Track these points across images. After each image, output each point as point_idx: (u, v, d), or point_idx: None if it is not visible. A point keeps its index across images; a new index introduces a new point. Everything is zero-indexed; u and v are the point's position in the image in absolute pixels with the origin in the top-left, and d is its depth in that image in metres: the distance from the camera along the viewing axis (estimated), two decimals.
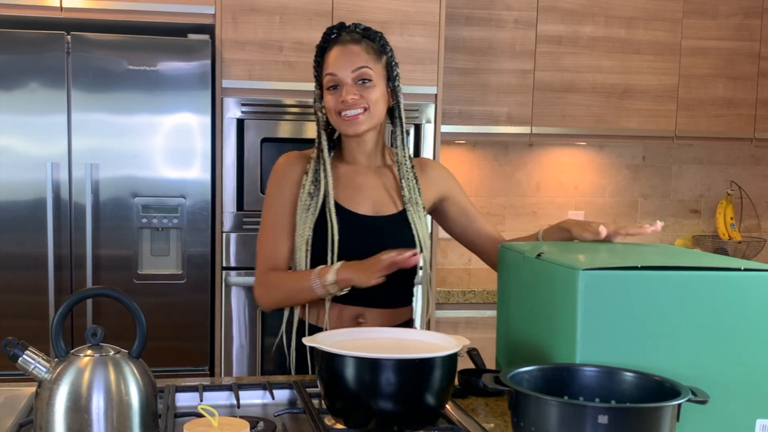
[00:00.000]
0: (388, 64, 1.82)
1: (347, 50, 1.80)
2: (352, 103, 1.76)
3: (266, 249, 1.80)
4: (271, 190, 1.86)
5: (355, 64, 1.78)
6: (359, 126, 1.78)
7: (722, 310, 1.25)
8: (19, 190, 2.81)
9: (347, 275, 1.61)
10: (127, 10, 2.94)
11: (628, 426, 1.00)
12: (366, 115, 1.78)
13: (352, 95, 1.76)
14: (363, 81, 1.78)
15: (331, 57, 1.81)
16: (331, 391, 1.26)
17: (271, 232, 1.81)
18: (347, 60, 1.78)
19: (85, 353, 1.21)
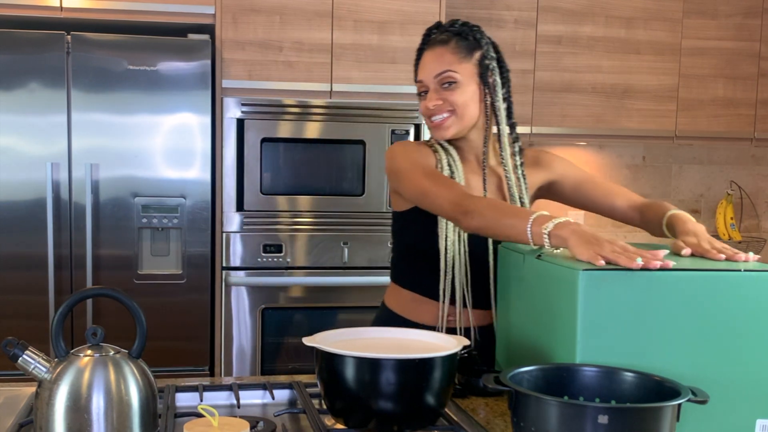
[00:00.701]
0: (482, 60, 1.77)
1: (433, 54, 1.78)
2: (435, 109, 1.75)
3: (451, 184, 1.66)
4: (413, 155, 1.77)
5: (436, 70, 1.76)
6: (446, 131, 1.76)
7: (722, 311, 1.25)
8: (19, 190, 2.81)
9: (565, 234, 1.39)
10: (127, 10, 2.94)
11: (628, 426, 1.00)
12: (453, 119, 1.75)
13: (435, 101, 1.75)
14: (448, 84, 1.75)
15: (421, 62, 1.80)
16: (331, 391, 1.26)
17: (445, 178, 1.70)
18: (431, 65, 1.77)
19: (85, 353, 1.21)
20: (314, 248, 3.12)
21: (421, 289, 1.81)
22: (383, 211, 3.17)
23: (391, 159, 1.80)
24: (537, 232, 1.43)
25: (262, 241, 3.06)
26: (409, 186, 1.72)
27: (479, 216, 1.55)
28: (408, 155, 1.77)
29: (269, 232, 3.06)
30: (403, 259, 1.86)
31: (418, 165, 1.73)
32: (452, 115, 1.75)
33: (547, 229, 1.42)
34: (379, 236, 3.16)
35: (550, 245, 1.42)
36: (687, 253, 1.41)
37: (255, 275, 3.06)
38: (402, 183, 1.74)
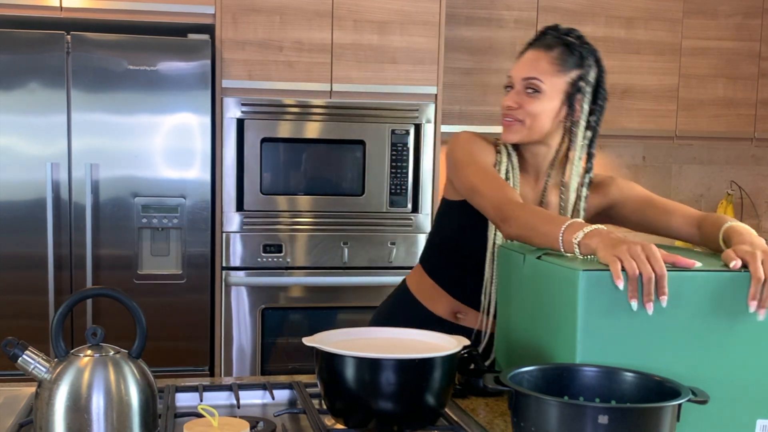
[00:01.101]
0: (576, 80, 1.71)
1: (532, 55, 1.72)
2: (508, 110, 1.70)
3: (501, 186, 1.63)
4: (474, 153, 1.72)
5: (526, 73, 1.70)
6: (511, 135, 1.71)
7: (722, 310, 1.25)
8: (19, 190, 2.81)
9: (594, 243, 1.37)
10: (127, 10, 2.94)
11: (629, 426, 1.00)
12: (520, 126, 1.70)
13: (511, 102, 1.70)
14: (531, 90, 1.69)
15: (520, 58, 1.74)
16: (331, 391, 1.26)
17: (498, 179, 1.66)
18: (525, 66, 1.71)
19: (85, 353, 1.21)
20: (314, 248, 3.11)
21: (444, 282, 1.81)
22: (383, 211, 3.17)
23: (452, 147, 1.76)
24: (568, 240, 1.41)
25: (262, 241, 3.06)
26: (462, 178, 1.69)
27: (516, 223, 1.52)
28: (469, 147, 1.73)
29: (269, 232, 3.06)
30: (437, 247, 1.85)
31: (475, 159, 1.70)
32: (522, 123, 1.70)
33: (578, 239, 1.39)
34: (379, 236, 3.16)
35: (580, 254, 1.39)
36: (736, 267, 1.29)
37: (255, 275, 3.06)
38: (456, 173, 1.72)
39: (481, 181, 1.65)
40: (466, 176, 1.68)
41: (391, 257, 3.17)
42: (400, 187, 3.17)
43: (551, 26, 1.77)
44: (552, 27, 1.76)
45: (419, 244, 3.21)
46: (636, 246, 1.26)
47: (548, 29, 1.76)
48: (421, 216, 3.19)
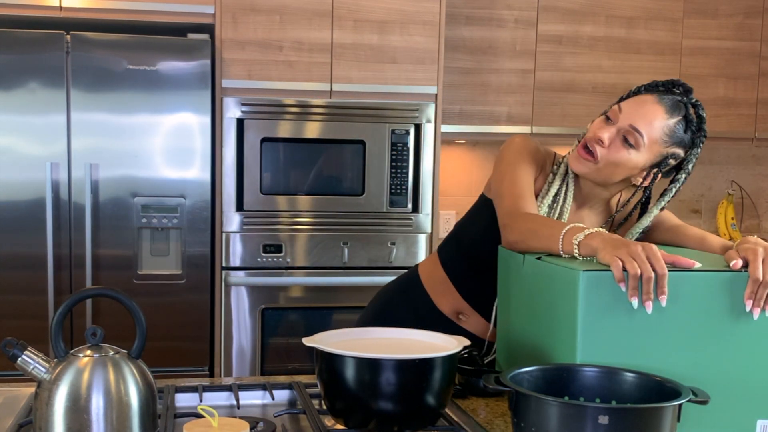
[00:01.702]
0: (671, 156, 1.60)
1: (653, 108, 1.58)
2: (595, 143, 1.59)
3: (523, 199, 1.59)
4: (523, 156, 1.67)
5: (639, 121, 1.57)
6: (580, 166, 1.63)
7: (722, 310, 1.25)
8: (19, 190, 2.80)
9: (595, 243, 1.35)
10: (127, 9, 2.94)
11: (629, 426, 1.00)
12: (591, 165, 1.62)
13: (606, 138, 1.58)
14: (626, 140, 1.57)
15: (635, 98, 1.61)
16: (331, 391, 1.25)
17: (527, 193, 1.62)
18: (639, 114, 1.58)
19: (84, 353, 1.20)
20: (314, 248, 3.11)
21: (455, 277, 1.80)
22: (383, 211, 3.16)
23: (504, 147, 1.73)
24: (567, 242, 1.40)
25: (262, 241, 3.06)
26: (496, 179, 1.67)
27: (517, 229, 1.51)
28: (519, 153, 1.68)
29: (269, 232, 3.06)
30: (459, 240, 1.82)
31: (516, 166, 1.66)
32: (594, 162, 1.61)
33: (578, 240, 1.38)
34: (379, 236, 3.16)
35: (580, 255, 1.38)
36: (736, 266, 1.28)
37: (255, 275, 3.06)
38: (494, 173, 1.70)
39: (506, 187, 1.62)
40: (500, 181, 1.66)
41: (391, 257, 3.17)
42: (400, 187, 3.17)
43: (682, 84, 1.62)
44: (683, 87, 1.62)
45: (419, 244, 3.21)
46: (637, 246, 1.26)
47: (679, 86, 1.62)
48: (421, 216, 3.19)
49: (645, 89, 1.62)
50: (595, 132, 1.60)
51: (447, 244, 1.86)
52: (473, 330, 1.79)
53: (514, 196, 1.60)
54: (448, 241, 1.86)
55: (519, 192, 1.62)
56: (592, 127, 1.62)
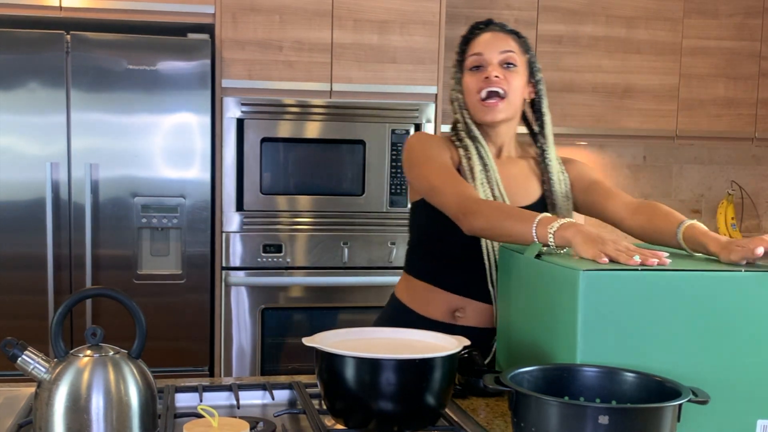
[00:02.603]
0: (531, 62, 1.81)
1: (497, 35, 1.80)
2: (495, 81, 1.73)
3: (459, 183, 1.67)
4: (430, 152, 1.75)
5: (502, 47, 1.76)
6: (497, 114, 1.75)
7: (722, 310, 1.25)
8: (19, 190, 2.80)
9: (569, 234, 1.41)
10: (127, 9, 2.94)
11: (629, 426, 1.00)
12: (504, 104, 1.74)
13: (497, 73, 1.73)
14: (508, 65, 1.75)
15: (478, 40, 1.79)
16: (331, 391, 1.25)
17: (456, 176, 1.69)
18: (496, 42, 1.77)
19: (84, 353, 1.20)
20: (314, 248, 3.11)
21: (436, 279, 1.80)
22: (383, 211, 3.16)
23: (408, 149, 1.79)
24: (542, 233, 1.45)
25: (262, 241, 3.06)
26: (420, 178, 1.72)
27: (483, 217, 1.55)
28: (425, 148, 1.76)
29: (269, 232, 3.06)
30: (420, 249, 1.85)
31: (432, 159, 1.72)
32: (504, 100, 1.74)
33: (552, 230, 1.43)
34: (379, 236, 3.16)
35: (555, 246, 1.43)
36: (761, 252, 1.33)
37: (255, 275, 3.06)
38: (414, 174, 1.75)
39: (439, 179, 1.68)
40: (425, 176, 1.71)
41: (391, 257, 3.17)
42: (400, 186, 3.17)
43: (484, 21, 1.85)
44: (485, 21, 1.85)
45: None
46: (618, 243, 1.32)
47: (489, 21, 1.85)
48: None
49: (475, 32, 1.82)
50: (481, 81, 1.74)
51: (411, 259, 1.87)
52: (475, 322, 1.78)
53: (454, 184, 1.66)
54: (411, 256, 1.87)
55: (455, 180, 1.67)
56: (471, 84, 1.76)
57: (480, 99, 1.74)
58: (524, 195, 1.81)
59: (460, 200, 1.62)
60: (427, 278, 1.82)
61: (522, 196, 1.80)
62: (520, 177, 1.83)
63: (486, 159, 1.76)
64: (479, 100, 1.75)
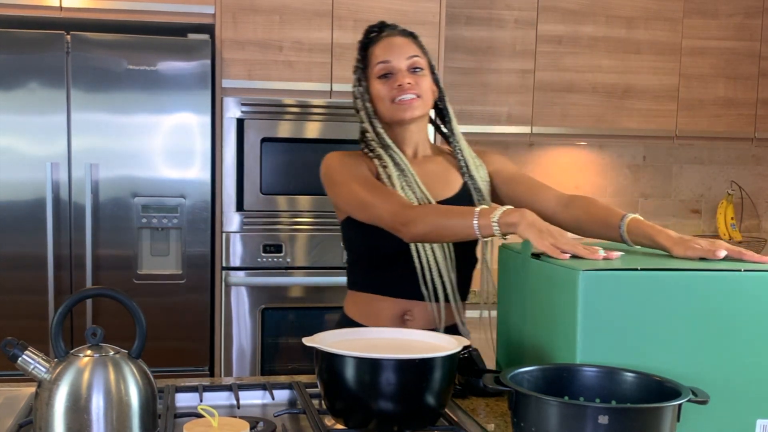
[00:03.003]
0: (430, 63, 1.84)
1: (397, 41, 1.81)
2: (408, 87, 1.75)
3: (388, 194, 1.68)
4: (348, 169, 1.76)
5: (408, 53, 1.79)
6: (414, 110, 1.77)
7: (722, 311, 1.25)
8: (19, 190, 2.81)
9: (514, 219, 1.45)
10: (127, 9, 2.94)
11: (629, 426, 1.00)
12: (419, 102, 1.77)
13: (409, 80, 1.76)
14: (415, 69, 1.78)
15: (380, 48, 1.81)
16: (331, 391, 1.26)
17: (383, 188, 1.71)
18: (400, 49, 1.79)
19: (84, 353, 1.21)
20: (314, 248, 3.11)
21: (381, 287, 1.80)
22: None
23: (326, 171, 1.80)
24: (485, 224, 1.48)
25: (262, 241, 3.06)
26: (346, 197, 1.73)
27: (421, 223, 1.57)
28: (343, 166, 1.77)
29: (269, 232, 3.06)
30: (359, 263, 1.85)
31: (354, 176, 1.74)
32: (419, 99, 1.77)
33: (495, 218, 1.47)
34: None
35: (500, 233, 1.47)
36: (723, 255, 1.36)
37: (255, 275, 3.06)
38: (338, 194, 1.76)
39: (367, 194, 1.69)
40: (351, 193, 1.72)
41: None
42: None
43: (377, 24, 1.87)
44: (378, 25, 1.86)
45: None
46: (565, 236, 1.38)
47: (375, 28, 1.86)
48: None
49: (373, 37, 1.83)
50: (394, 89, 1.76)
51: (352, 275, 1.87)
52: (424, 323, 1.78)
53: (385, 197, 1.67)
54: (352, 273, 1.87)
55: (384, 192, 1.69)
56: (383, 92, 1.77)
57: (392, 102, 1.77)
58: (446, 188, 1.83)
59: (393, 211, 1.63)
60: (371, 289, 1.82)
61: (444, 189, 1.82)
62: (440, 171, 1.85)
63: (402, 164, 1.77)
64: (392, 103, 1.77)
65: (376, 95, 1.79)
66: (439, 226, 1.56)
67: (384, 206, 1.65)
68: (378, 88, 1.79)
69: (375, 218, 1.68)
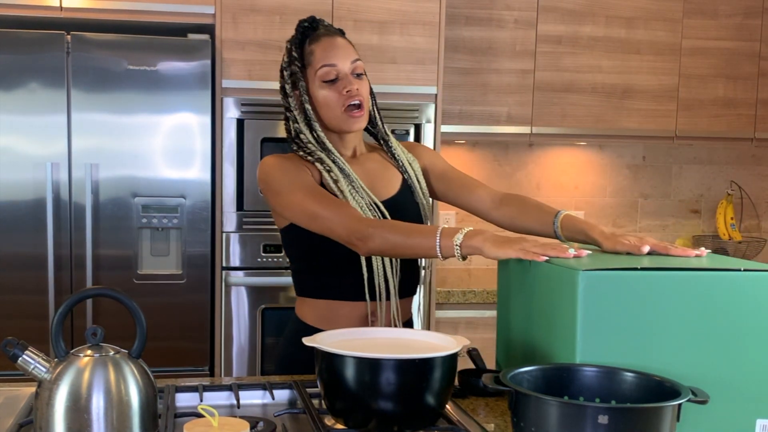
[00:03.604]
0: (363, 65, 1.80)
1: (339, 43, 1.74)
2: (356, 94, 1.70)
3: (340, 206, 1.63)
4: (291, 176, 1.69)
5: (351, 56, 1.73)
6: (363, 122, 1.74)
7: (722, 310, 1.25)
8: (19, 190, 2.81)
9: (477, 243, 1.43)
10: (127, 9, 2.94)
11: (629, 426, 1.00)
12: (365, 112, 1.74)
13: (357, 86, 1.71)
14: (359, 74, 1.74)
15: (322, 48, 1.72)
16: (331, 391, 1.26)
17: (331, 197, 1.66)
18: (344, 52, 1.73)
19: (84, 353, 1.21)
20: None
21: (337, 293, 1.75)
22: None
23: (265, 177, 1.72)
24: (447, 245, 1.47)
25: (262, 241, 3.06)
26: (294, 208, 1.67)
27: (379, 239, 1.54)
28: (285, 173, 1.70)
29: (269, 232, 3.06)
30: (308, 272, 1.78)
31: (298, 185, 1.67)
32: (364, 110, 1.73)
33: (458, 240, 1.46)
34: None
35: (461, 255, 1.46)
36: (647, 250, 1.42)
37: (255, 275, 3.06)
38: (283, 204, 1.69)
39: (317, 205, 1.63)
40: (298, 204, 1.65)
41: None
42: None
43: (309, 19, 1.77)
44: (310, 20, 1.77)
45: None
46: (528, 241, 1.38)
47: (317, 21, 1.77)
48: None
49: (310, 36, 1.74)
50: (342, 95, 1.70)
51: (302, 283, 1.80)
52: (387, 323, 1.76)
53: (336, 209, 1.62)
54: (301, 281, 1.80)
55: (333, 205, 1.63)
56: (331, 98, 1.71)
57: (342, 111, 1.71)
58: (388, 186, 1.81)
59: (348, 226, 1.58)
60: (328, 295, 1.76)
61: (386, 188, 1.80)
62: (379, 170, 1.83)
63: (344, 166, 1.73)
64: (342, 112, 1.71)
65: (323, 101, 1.72)
66: (399, 244, 1.54)
67: (337, 219, 1.60)
68: (325, 95, 1.72)
69: (327, 231, 1.63)
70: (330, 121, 1.74)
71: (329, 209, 1.62)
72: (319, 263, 1.76)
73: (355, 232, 1.57)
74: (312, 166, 1.73)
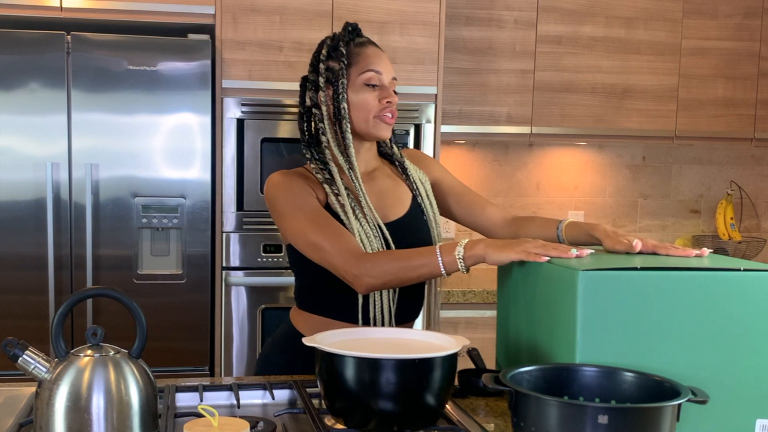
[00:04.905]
0: None
1: (384, 55, 1.75)
2: (393, 107, 1.71)
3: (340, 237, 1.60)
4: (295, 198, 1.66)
5: (392, 73, 1.74)
6: (390, 132, 1.74)
7: (722, 310, 1.25)
8: (19, 190, 2.81)
9: (479, 251, 1.44)
10: (127, 10, 2.94)
11: (629, 426, 1.00)
12: (394, 123, 1.75)
13: (395, 97, 1.72)
14: (395, 91, 1.75)
15: (371, 54, 1.72)
16: (331, 391, 1.26)
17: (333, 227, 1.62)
18: (389, 66, 1.74)
19: (85, 353, 1.21)
20: None
21: (333, 313, 1.73)
22: None
23: (271, 199, 1.70)
24: (449, 261, 1.49)
25: (262, 241, 3.06)
26: (296, 234, 1.65)
27: (376, 271, 1.54)
28: (290, 195, 1.67)
29: (269, 232, 3.06)
30: (310, 287, 1.76)
31: (301, 209, 1.65)
32: (394, 120, 1.74)
33: (460, 254, 1.47)
34: None
35: (465, 267, 1.48)
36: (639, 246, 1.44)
37: (255, 275, 3.06)
38: (286, 227, 1.67)
39: (318, 235, 1.61)
40: (300, 230, 1.64)
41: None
42: None
43: (356, 25, 1.78)
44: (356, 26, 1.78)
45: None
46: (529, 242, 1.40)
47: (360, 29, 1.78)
48: None
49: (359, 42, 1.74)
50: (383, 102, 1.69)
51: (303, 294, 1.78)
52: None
53: (334, 240, 1.59)
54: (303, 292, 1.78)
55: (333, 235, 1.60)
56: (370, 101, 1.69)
57: (376, 116, 1.69)
58: (398, 205, 1.77)
59: (345, 260, 1.57)
60: (326, 313, 1.74)
61: (396, 207, 1.77)
62: (390, 187, 1.79)
63: (358, 188, 1.69)
64: (375, 116, 1.70)
65: (359, 103, 1.70)
66: (399, 271, 1.53)
67: (337, 255, 1.58)
68: (364, 97, 1.69)
69: (326, 263, 1.61)
70: (360, 125, 1.70)
71: (329, 241, 1.60)
72: (321, 284, 1.73)
73: (353, 269, 1.56)
74: (318, 187, 1.70)
